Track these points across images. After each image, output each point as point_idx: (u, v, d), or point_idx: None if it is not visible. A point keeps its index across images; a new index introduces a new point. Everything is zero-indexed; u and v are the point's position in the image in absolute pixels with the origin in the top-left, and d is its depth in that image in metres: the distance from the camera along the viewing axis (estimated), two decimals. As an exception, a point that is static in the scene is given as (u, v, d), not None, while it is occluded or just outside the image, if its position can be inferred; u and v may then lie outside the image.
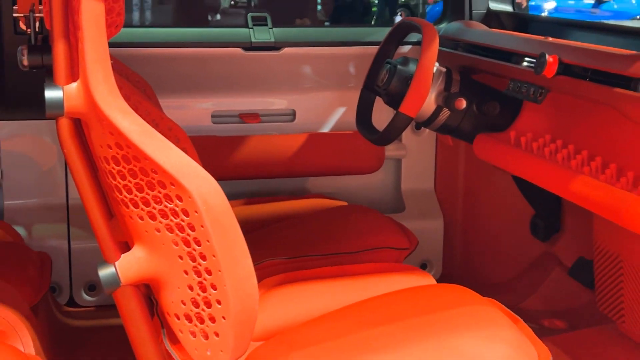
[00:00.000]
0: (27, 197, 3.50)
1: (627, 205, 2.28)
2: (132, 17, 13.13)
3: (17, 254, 3.03)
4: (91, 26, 1.76)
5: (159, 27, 8.23)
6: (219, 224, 1.74)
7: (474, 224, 3.70)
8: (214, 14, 10.79)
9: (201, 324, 1.82)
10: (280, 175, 3.67)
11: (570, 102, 2.71)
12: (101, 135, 1.80)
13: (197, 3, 12.70)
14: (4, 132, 3.38)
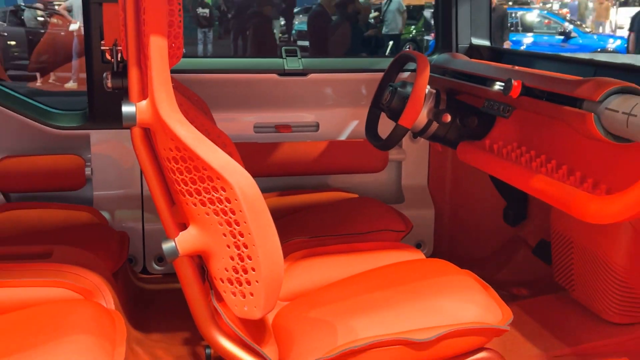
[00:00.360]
0: (111, 189, 3.47)
1: (575, 199, 2.28)
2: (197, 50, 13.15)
3: (103, 233, 3.06)
4: (157, 58, 1.79)
5: (216, 57, 8.26)
6: (253, 209, 1.76)
7: (458, 212, 3.66)
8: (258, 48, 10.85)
9: (240, 286, 1.84)
10: (305, 173, 3.62)
11: (531, 117, 2.70)
12: (164, 141, 1.83)
13: (245, 39, 12.72)
14: (94, 138, 3.38)
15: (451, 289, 2.23)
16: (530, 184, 2.53)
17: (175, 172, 1.85)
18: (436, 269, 2.40)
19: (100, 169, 3.44)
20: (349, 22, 10.36)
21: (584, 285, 2.85)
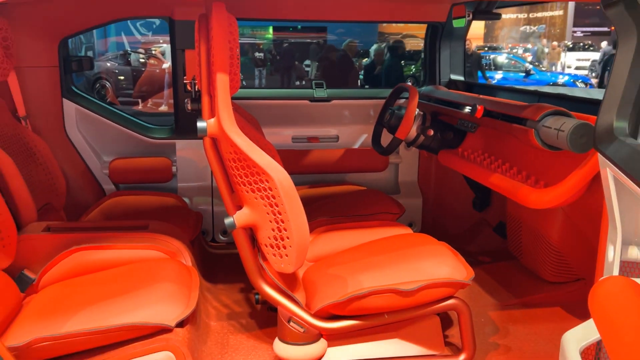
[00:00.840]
0: (189, 181, 3.41)
1: (521, 191, 2.28)
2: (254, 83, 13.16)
3: (184, 213, 3.05)
4: (221, 88, 1.83)
5: (265, 89, 8.24)
6: (287, 195, 1.80)
7: (440, 201, 3.61)
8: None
9: (278, 250, 1.88)
10: (328, 172, 3.55)
11: (492, 132, 2.68)
12: (226, 147, 1.88)
13: (289, 75, 12.74)
14: (178, 146, 3.35)
15: (430, 254, 2.21)
16: (490, 181, 2.52)
17: (234, 169, 1.89)
18: (420, 240, 2.38)
19: (182, 168, 3.41)
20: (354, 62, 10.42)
21: (529, 254, 2.82)
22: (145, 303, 1.92)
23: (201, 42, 1.92)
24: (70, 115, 3.25)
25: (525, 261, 2.87)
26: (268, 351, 2.15)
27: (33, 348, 1.75)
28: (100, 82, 12.40)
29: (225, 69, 1.85)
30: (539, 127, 2.08)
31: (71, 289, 2.09)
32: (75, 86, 3.32)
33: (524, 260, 2.88)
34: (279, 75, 13.76)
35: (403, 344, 2.06)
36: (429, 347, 2.07)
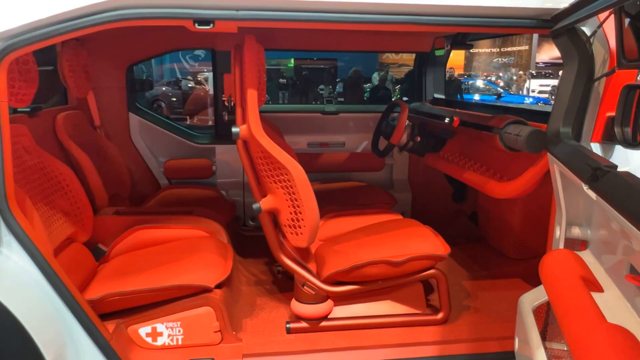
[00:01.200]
0: (226, 177, 3.35)
1: (488, 184, 2.26)
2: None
3: (221, 202, 3.04)
4: (251, 102, 1.85)
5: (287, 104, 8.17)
6: (302, 186, 1.81)
7: (425, 195, 3.55)
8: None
9: (294, 229, 1.88)
10: (336, 171, 3.48)
11: (466, 138, 2.65)
12: (254, 147, 1.90)
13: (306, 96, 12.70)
14: (218, 150, 3.30)
15: (415, 234, 2.20)
16: (464, 177, 2.49)
17: (260, 165, 1.90)
18: (408, 224, 2.36)
19: (220, 167, 3.35)
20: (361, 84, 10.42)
21: (495, 236, 2.79)
22: (191, 269, 1.94)
23: (236, 65, 1.93)
24: (134, 126, 3.25)
25: (492, 242, 2.84)
26: (286, 309, 2.15)
27: (105, 301, 1.80)
28: (157, 103, 12.52)
29: (254, 86, 1.88)
30: (502, 133, 2.07)
31: (134, 259, 2.13)
32: (138, 103, 3.33)
33: (492, 241, 2.85)
34: (298, 96, 13.78)
35: (393, 304, 2.06)
36: (414, 308, 2.07)
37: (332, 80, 14.39)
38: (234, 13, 1.56)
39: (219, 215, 2.65)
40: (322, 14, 1.62)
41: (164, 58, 13.57)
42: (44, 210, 1.93)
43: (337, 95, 14.22)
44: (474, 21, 1.66)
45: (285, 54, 12.75)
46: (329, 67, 14.10)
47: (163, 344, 1.83)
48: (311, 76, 13.63)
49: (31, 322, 1.46)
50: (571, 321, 1.07)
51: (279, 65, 14.63)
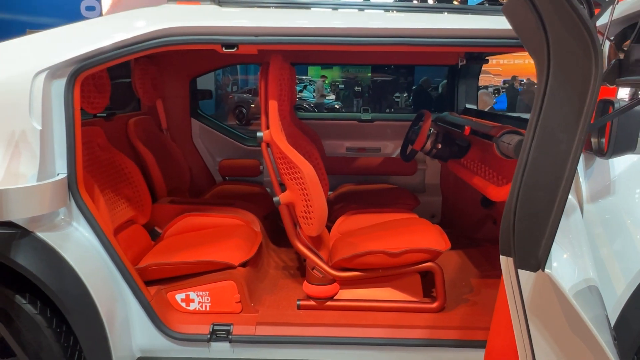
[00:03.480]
0: (268, 176, 3.62)
1: (488, 188, 2.32)
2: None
3: (264, 197, 3.26)
4: (272, 110, 2.11)
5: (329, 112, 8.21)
6: (312, 182, 2.00)
7: (455, 199, 3.56)
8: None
9: (306, 220, 2.08)
10: (371, 174, 3.59)
11: (483, 147, 2.64)
12: (275, 149, 2.14)
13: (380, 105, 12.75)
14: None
15: (420, 231, 2.32)
16: (473, 181, 2.54)
17: (280, 164, 2.12)
18: (418, 222, 2.46)
19: (267, 167, 3.69)
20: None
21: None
22: (221, 249, 2.23)
23: (262, 80, 2.22)
24: (195, 129, 3.59)
25: None
26: (302, 291, 2.32)
27: (148, 270, 2.16)
28: (239, 109, 13.28)
29: (275, 97, 2.14)
30: (498, 142, 2.16)
31: (181, 239, 2.46)
32: (199, 109, 3.66)
33: None
34: (373, 104, 13.93)
35: (392, 291, 2.21)
36: (411, 296, 2.21)
37: (408, 88, 14.39)
38: (254, 38, 1.86)
39: (258, 208, 2.91)
40: (328, 37, 1.87)
41: (248, 67, 14.31)
42: (110, 196, 2.33)
43: (412, 102, 14.18)
44: (493, 42, 1.81)
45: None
46: (406, 75, 14.13)
47: (194, 308, 2.16)
48: (386, 85, 13.77)
49: (90, 281, 1.83)
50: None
51: (357, 74, 14.90)
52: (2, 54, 1.87)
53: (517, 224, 0.91)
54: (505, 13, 0.98)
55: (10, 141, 1.79)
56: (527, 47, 0.94)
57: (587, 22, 0.79)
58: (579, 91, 0.84)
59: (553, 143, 0.90)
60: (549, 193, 0.90)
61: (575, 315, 0.94)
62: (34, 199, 1.73)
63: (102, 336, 1.85)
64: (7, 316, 1.82)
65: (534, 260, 0.91)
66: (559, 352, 0.96)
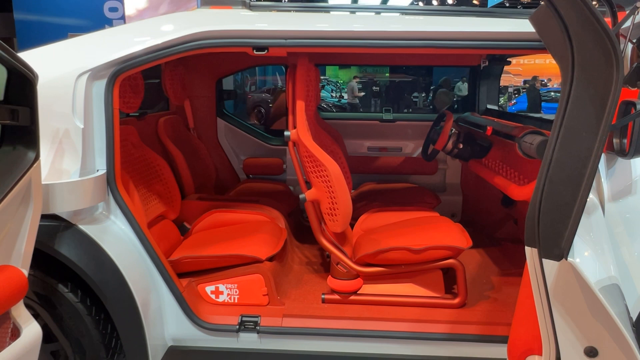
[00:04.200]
0: (294, 175, 3.48)
1: (510, 187, 2.38)
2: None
3: (287, 195, 3.34)
4: (299, 111, 2.19)
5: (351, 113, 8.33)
6: (337, 180, 2.07)
7: (476, 199, 3.61)
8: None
9: (331, 216, 2.15)
10: (393, 173, 3.64)
11: (504, 147, 2.70)
12: (301, 148, 2.22)
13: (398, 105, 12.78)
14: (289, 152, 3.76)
15: (442, 229, 2.37)
16: (494, 180, 2.58)
17: (306, 162, 2.20)
18: (440, 220, 2.51)
19: (290, 166, 3.62)
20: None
21: None
22: (249, 244, 2.32)
23: (289, 81, 2.30)
24: (220, 128, 3.69)
25: None
26: (326, 285, 2.37)
27: (181, 262, 2.25)
28: (257, 108, 13.43)
29: (302, 98, 2.23)
30: (520, 142, 2.19)
31: (209, 234, 2.55)
32: (225, 109, 3.76)
33: None
34: (391, 104, 13.93)
35: (414, 287, 2.27)
36: (433, 292, 2.27)
37: (426, 88, 14.34)
38: (283, 41, 1.94)
39: (282, 205, 2.99)
40: (356, 40, 1.94)
41: (267, 68, 14.44)
42: (143, 192, 2.44)
43: (430, 103, 14.14)
44: (516, 45, 1.86)
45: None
46: (424, 76, 14.09)
47: (223, 300, 2.25)
48: (404, 85, 13.74)
49: (128, 272, 1.93)
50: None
51: (375, 75, 14.90)
52: (47, 56, 1.99)
53: (541, 216, 0.98)
54: (532, 22, 1.05)
55: (55, 138, 1.91)
56: (553, 53, 1.01)
57: (609, 32, 0.86)
58: (601, 94, 0.91)
59: (576, 142, 0.96)
60: (572, 188, 0.96)
61: (596, 301, 1.00)
62: (77, 194, 1.84)
63: (138, 325, 1.95)
64: (50, 304, 1.93)
65: (558, 250, 0.97)
66: (580, 335, 1.02)
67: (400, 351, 2.08)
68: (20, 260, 1.59)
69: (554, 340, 1.05)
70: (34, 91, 1.58)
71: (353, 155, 3.65)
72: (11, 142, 1.62)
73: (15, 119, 1.57)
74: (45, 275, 1.92)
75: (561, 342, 1.05)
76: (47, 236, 1.83)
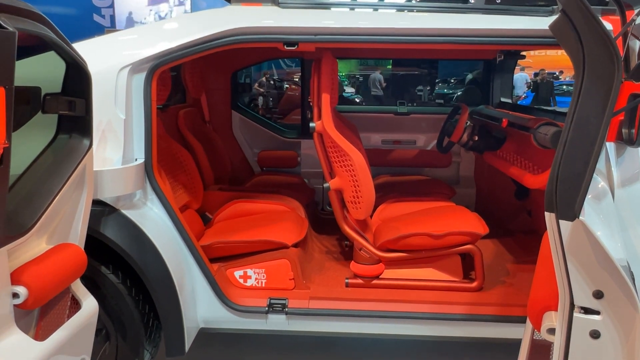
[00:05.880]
0: (309, 168, 3.83)
1: (525, 177, 2.57)
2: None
3: (303, 187, 3.58)
4: (325, 103, 2.40)
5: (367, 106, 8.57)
6: (361, 170, 2.28)
7: (489, 191, 3.80)
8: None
9: (355, 204, 2.36)
10: (406, 166, 3.83)
11: (517, 138, 2.89)
12: (326, 138, 2.43)
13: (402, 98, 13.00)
14: (303, 144, 3.85)
15: (459, 216, 2.59)
16: (510, 171, 2.79)
17: (331, 153, 2.41)
18: (458, 210, 2.72)
19: (304, 158, 3.85)
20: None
21: (544, 228, 2.99)
22: (275, 230, 2.54)
23: (315, 75, 2.53)
24: (235, 121, 3.92)
25: (542, 234, 3.08)
26: (348, 271, 2.61)
27: (213, 247, 2.49)
28: (254, 102, 13.66)
29: (328, 91, 2.46)
30: (535, 133, 2.41)
31: (233, 223, 2.78)
32: (239, 102, 4.01)
33: (542, 233, 3.09)
34: (394, 97, 14.12)
35: (434, 272, 2.50)
36: (452, 276, 2.50)
37: (432, 81, 14.54)
38: (312, 37, 2.18)
39: (299, 196, 3.22)
40: (380, 36, 2.19)
41: (270, 63, 14.62)
42: (170, 182, 2.67)
43: (435, 96, 14.35)
44: (528, 41, 2.11)
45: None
46: (429, 68, 14.27)
47: (251, 285, 2.49)
48: (408, 78, 13.91)
49: (166, 254, 2.18)
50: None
51: (377, 67, 15.04)
52: (89, 51, 2.23)
53: (558, 185, 1.26)
54: (551, 29, 1.35)
55: (98, 128, 2.15)
56: (568, 54, 1.30)
57: (611, 39, 1.15)
58: (605, 88, 1.22)
59: (587, 125, 1.26)
60: (583, 162, 1.25)
61: (602, 252, 1.28)
62: (121, 180, 2.09)
63: (176, 306, 2.19)
64: (94, 284, 2.18)
65: (571, 212, 1.26)
66: (589, 281, 1.30)
67: (422, 331, 2.32)
68: (77, 240, 1.85)
69: (568, 286, 1.33)
70: (90, 84, 1.82)
71: (367, 147, 3.82)
72: (67, 131, 1.87)
73: (72, 109, 1.82)
74: (89, 257, 2.16)
75: (574, 288, 1.33)
76: (94, 220, 2.06)
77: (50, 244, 1.71)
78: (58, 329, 1.63)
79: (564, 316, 1.38)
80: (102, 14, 8.97)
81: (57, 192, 1.67)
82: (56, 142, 1.81)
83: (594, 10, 1.30)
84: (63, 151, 1.82)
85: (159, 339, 2.37)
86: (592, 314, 1.39)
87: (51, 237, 1.72)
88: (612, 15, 2.11)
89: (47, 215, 1.63)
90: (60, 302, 1.76)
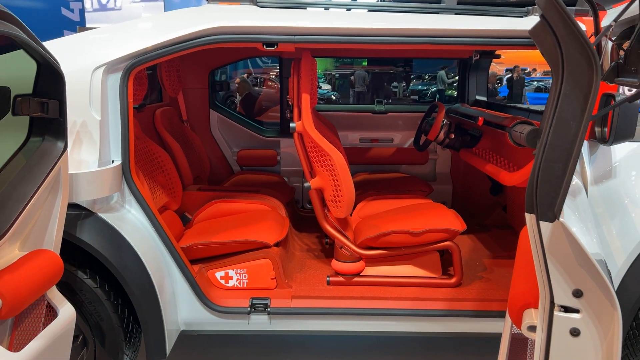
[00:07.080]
0: (288, 166, 3.80)
1: (501, 174, 2.59)
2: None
3: (283, 186, 3.52)
4: (304, 103, 2.36)
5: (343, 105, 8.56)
6: (341, 169, 2.26)
7: (465, 187, 3.84)
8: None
9: (335, 203, 2.33)
10: (384, 164, 3.84)
11: (492, 136, 2.91)
12: (307, 138, 2.41)
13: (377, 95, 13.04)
14: (282, 143, 3.80)
15: (437, 213, 2.58)
16: (485, 168, 2.79)
17: (311, 153, 2.37)
18: (435, 206, 2.72)
19: (284, 157, 3.80)
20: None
21: (519, 224, 2.88)
22: (256, 230, 2.50)
23: (295, 75, 2.50)
24: (213, 120, 3.84)
25: (517, 228, 3.11)
26: (329, 269, 2.62)
27: (193, 249, 2.43)
28: (230, 99, 13.50)
29: (308, 91, 2.43)
30: (511, 131, 2.38)
31: (214, 223, 2.72)
32: (217, 101, 3.92)
33: (517, 228, 3.13)
34: (369, 94, 14.18)
35: (414, 268, 2.50)
36: (431, 272, 2.51)
37: (406, 78, 14.64)
38: (292, 37, 2.13)
39: (279, 195, 3.18)
40: (358, 37, 2.16)
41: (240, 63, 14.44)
42: (148, 183, 2.60)
43: (410, 92, 14.43)
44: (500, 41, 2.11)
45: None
46: (404, 65, 14.34)
47: (233, 285, 2.44)
48: (384, 75, 13.97)
49: (145, 257, 2.10)
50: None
51: (352, 66, 15.07)
52: (61, 50, 2.14)
53: (538, 187, 1.25)
54: (531, 34, 1.35)
55: (72, 130, 2.07)
56: (547, 59, 1.29)
57: (589, 44, 1.14)
58: (584, 92, 1.22)
59: (566, 128, 1.25)
60: (562, 165, 1.25)
61: (581, 252, 1.29)
62: (97, 183, 2.01)
63: (157, 309, 2.13)
64: (70, 290, 2.10)
65: (551, 213, 1.25)
66: (569, 280, 1.31)
67: (403, 328, 2.31)
68: (52, 245, 1.77)
69: (548, 285, 1.33)
70: (63, 84, 1.74)
71: (346, 146, 3.85)
72: (40, 133, 1.78)
73: (45, 111, 1.74)
74: (65, 262, 2.08)
75: (554, 287, 1.34)
76: (70, 224, 1.99)
77: (24, 250, 1.63)
78: (34, 338, 1.56)
79: (544, 315, 1.38)
80: (71, 8, 8.63)
81: (30, 197, 1.59)
82: (28, 145, 1.72)
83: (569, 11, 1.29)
84: (36, 154, 1.74)
85: (139, 343, 2.30)
86: (572, 313, 1.40)
87: (25, 243, 1.64)
88: (584, 16, 2.12)
89: (20, 220, 1.55)
90: (35, 311, 1.68)
